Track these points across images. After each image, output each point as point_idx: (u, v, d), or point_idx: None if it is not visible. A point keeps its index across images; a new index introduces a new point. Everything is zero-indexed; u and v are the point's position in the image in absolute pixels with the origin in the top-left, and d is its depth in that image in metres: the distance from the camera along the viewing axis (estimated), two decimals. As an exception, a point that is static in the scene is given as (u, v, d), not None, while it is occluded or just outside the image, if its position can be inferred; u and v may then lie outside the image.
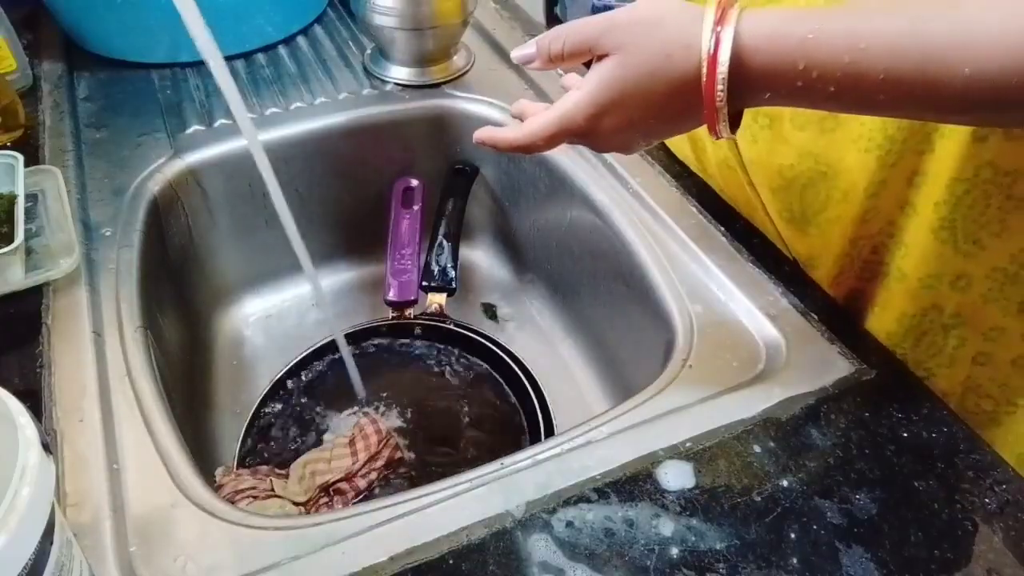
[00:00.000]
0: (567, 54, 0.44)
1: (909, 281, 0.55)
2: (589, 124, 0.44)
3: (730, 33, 0.39)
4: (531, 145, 0.46)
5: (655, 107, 0.43)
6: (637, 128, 0.45)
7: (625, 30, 0.42)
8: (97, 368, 0.55)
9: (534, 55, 0.46)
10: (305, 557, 0.44)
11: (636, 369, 0.71)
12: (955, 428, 0.51)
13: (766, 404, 0.52)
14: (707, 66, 0.40)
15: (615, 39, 0.42)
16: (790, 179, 0.57)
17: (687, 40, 0.40)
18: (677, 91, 0.41)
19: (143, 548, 0.45)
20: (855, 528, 0.45)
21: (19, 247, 0.57)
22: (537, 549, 0.44)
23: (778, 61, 0.39)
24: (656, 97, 0.42)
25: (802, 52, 0.38)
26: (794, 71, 0.39)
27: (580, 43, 0.43)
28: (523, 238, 0.89)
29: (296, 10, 0.95)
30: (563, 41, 0.44)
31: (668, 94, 0.42)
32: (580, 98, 0.43)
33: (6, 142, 0.74)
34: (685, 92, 0.41)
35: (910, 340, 0.57)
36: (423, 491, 0.48)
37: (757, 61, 0.39)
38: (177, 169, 0.75)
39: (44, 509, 0.34)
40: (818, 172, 0.56)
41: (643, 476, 0.48)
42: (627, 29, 0.42)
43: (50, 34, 0.92)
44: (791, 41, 0.39)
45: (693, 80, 0.40)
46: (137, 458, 0.50)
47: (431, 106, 0.85)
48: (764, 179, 0.59)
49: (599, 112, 0.43)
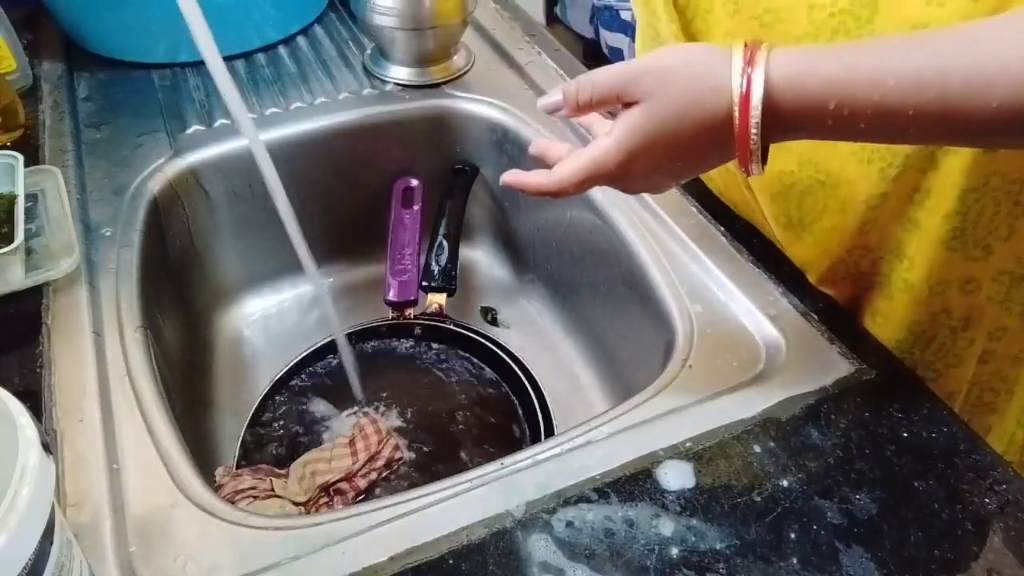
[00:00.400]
0: (595, 102, 0.45)
1: (918, 291, 0.55)
2: (620, 170, 0.44)
3: (761, 75, 0.40)
4: (561, 191, 0.46)
5: (685, 150, 0.43)
6: (667, 170, 0.45)
7: (653, 77, 0.42)
8: (97, 368, 0.55)
9: (560, 103, 0.46)
10: (305, 557, 0.44)
11: (636, 369, 0.71)
12: (955, 428, 0.51)
13: (766, 404, 0.52)
14: (739, 109, 0.40)
15: (643, 86, 0.42)
16: (788, 185, 0.58)
17: (716, 83, 0.40)
18: (707, 133, 0.42)
19: (143, 548, 0.45)
20: (855, 528, 0.45)
21: (19, 247, 0.57)
22: (537, 549, 0.44)
23: (809, 101, 0.39)
24: (686, 140, 0.42)
25: (832, 91, 0.39)
26: (825, 110, 0.39)
27: (608, 91, 0.44)
28: (523, 238, 0.89)
29: (296, 10, 0.95)
30: (591, 90, 0.44)
31: (698, 136, 0.42)
32: (610, 145, 0.44)
33: (6, 142, 0.74)
34: (715, 134, 0.41)
35: (920, 345, 0.58)
36: (423, 491, 0.48)
37: (788, 102, 0.40)
38: (177, 169, 0.75)
39: (44, 509, 0.34)
40: (817, 181, 0.56)
41: (643, 476, 0.48)
42: (655, 76, 0.42)
43: (50, 34, 0.92)
44: (821, 81, 0.39)
45: (722, 122, 0.41)
46: (137, 458, 0.50)
47: (431, 106, 0.85)
48: (763, 184, 0.60)
49: (630, 158, 0.43)
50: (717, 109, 0.40)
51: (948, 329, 0.56)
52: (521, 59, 0.89)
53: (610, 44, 1.64)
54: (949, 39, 0.38)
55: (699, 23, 0.57)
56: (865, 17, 0.47)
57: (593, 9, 1.68)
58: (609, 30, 1.66)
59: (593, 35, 1.72)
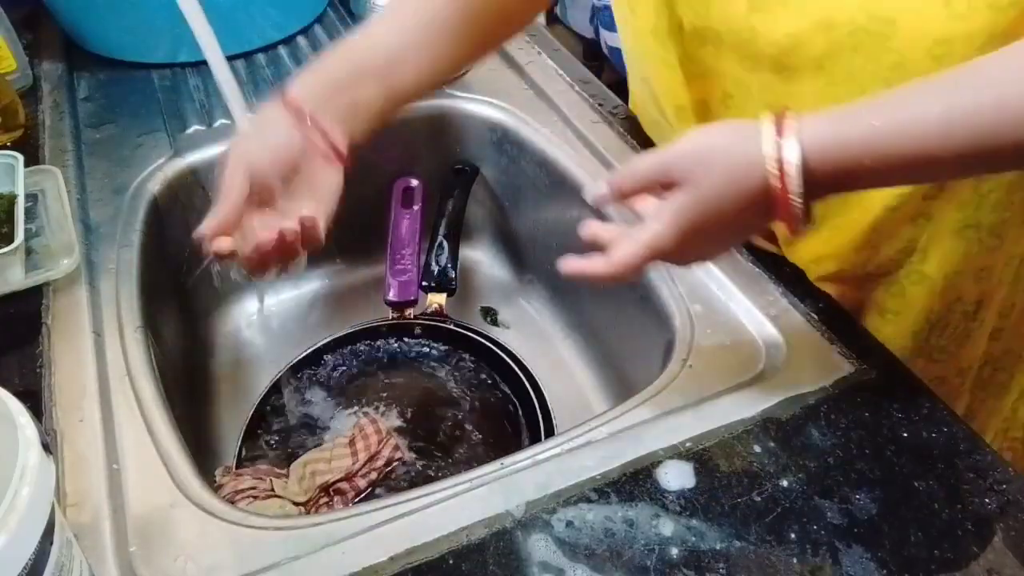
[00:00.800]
0: (639, 190, 0.47)
1: (932, 282, 0.56)
2: (674, 251, 0.46)
3: (795, 146, 0.41)
4: (620, 277, 0.48)
5: (733, 223, 0.45)
6: (717, 242, 0.48)
7: (691, 161, 0.44)
8: (97, 368, 0.55)
9: (608, 196, 0.48)
10: (305, 557, 0.44)
11: (636, 369, 0.71)
12: (955, 428, 0.51)
13: (766, 404, 0.52)
14: (779, 182, 0.41)
15: (682, 171, 0.44)
16: None
17: (751, 159, 0.42)
18: (751, 206, 0.43)
19: (143, 548, 0.45)
20: (855, 528, 0.45)
21: (19, 247, 0.57)
22: (537, 549, 0.44)
23: (845, 163, 0.41)
24: (732, 215, 0.44)
25: (866, 151, 0.40)
26: (861, 169, 0.41)
27: (649, 180, 0.46)
28: (523, 238, 0.89)
29: (296, 10, 0.95)
30: (633, 180, 0.46)
31: (742, 210, 0.44)
32: (661, 229, 0.45)
33: (6, 142, 0.74)
34: (758, 205, 0.43)
35: (936, 331, 0.58)
36: (423, 491, 0.48)
37: (825, 168, 0.41)
38: (177, 169, 0.75)
39: (44, 509, 0.34)
40: None
41: (643, 476, 0.48)
42: (693, 160, 0.44)
43: (50, 34, 0.92)
44: (854, 143, 0.40)
45: (763, 194, 0.42)
46: (137, 458, 0.50)
47: (431, 106, 0.85)
48: None
49: (682, 239, 0.45)
50: (755, 183, 0.42)
51: (961, 314, 0.57)
52: (521, 59, 0.89)
53: (610, 44, 1.64)
54: (968, 79, 0.39)
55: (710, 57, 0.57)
56: (884, 34, 0.48)
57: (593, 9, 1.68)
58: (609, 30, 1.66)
59: (593, 35, 1.72)
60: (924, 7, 0.46)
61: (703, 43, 0.56)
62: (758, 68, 0.54)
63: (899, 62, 0.48)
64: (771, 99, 0.55)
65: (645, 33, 0.61)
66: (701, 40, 0.56)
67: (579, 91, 0.84)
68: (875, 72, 0.49)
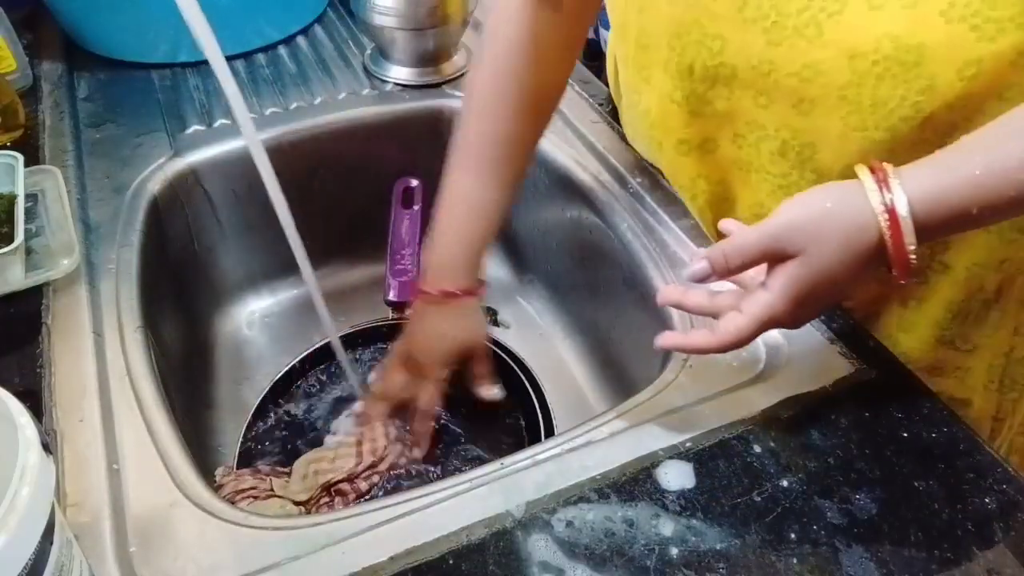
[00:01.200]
0: (747, 267, 0.46)
1: (955, 272, 0.57)
2: (787, 319, 0.46)
3: (903, 196, 0.41)
4: (728, 349, 0.48)
5: (845, 284, 0.45)
6: (828, 303, 0.48)
7: (800, 233, 0.43)
8: (97, 368, 0.55)
9: (709, 271, 0.47)
10: (305, 557, 0.44)
11: (636, 369, 0.71)
12: (955, 428, 0.51)
13: (766, 404, 0.52)
14: (892, 241, 0.42)
15: (795, 244, 0.43)
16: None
17: (861, 218, 0.42)
18: (864, 266, 0.44)
19: (143, 548, 0.45)
20: (855, 528, 0.45)
21: (19, 247, 0.57)
22: (537, 549, 0.44)
23: (953, 214, 0.41)
24: (846, 277, 0.44)
25: (972, 199, 0.41)
26: (968, 216, 0.41)
27: (759, 255, 0.45)
28: (523, 238, 0.89)
29: (296, 10, 0.95)
30: (741, 258, 0.46)
31: (856, 271, 0.44)
32: (774, 301, 0.45)
33: (6, 142, 0.74)
34: (871, 261, 0.43)
35: (957, 322, 0.58)
36: (423, 491, 0.48)
37: (934, 219, 0.41)
38: (177, 169, 0.75)
39: (44, 509, 0.34)
40: None
41: (643, 476, 0.48)
42: (802, 232, 0.43)
43: (50, 34, 0.92)
44: (957, 193, 0.41)
45: (877, 252, 0.43)
46: (137, 458, 0.50)
47: (431, 106, 0.85)
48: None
49: (796, 306, 0.45)
50: (870, 241, 0.42)
51: (981, 303, 0.58)
52: (521, 59, 0.89)
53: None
54: None
55: (720, 99, 0.57)
56: (912, 61, 0.48)
57: (593, 9, 1.68)
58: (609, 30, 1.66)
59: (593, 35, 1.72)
60: (952, 32, 0.46)
61: (714, 84, 0.56)
62: (774, 102, 0.54)
63: (929, 86, 0.48)
64: (787, 136, 0.55)
65: (654, 67, 0.60)
66: (712, 81, 0.56)
67: (579, 91, 0.84)
68: (904, 97, 0.49)
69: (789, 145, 0.55)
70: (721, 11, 0.53)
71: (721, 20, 0.53)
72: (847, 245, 0.43)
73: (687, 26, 0.55)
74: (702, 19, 0.54)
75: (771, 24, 0.51)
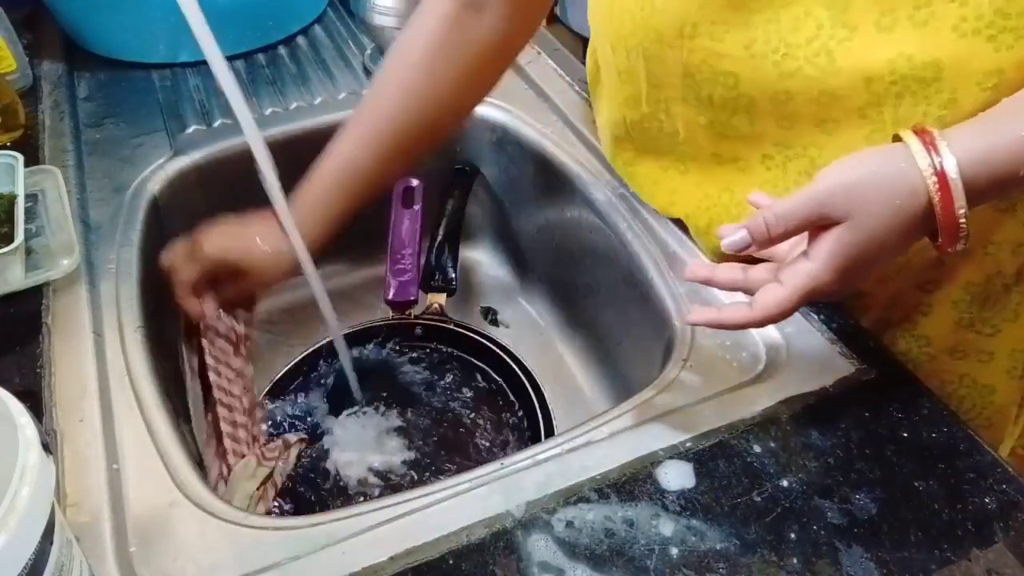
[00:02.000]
0: (790, 234, 0.44)
1: (971, 251, 0.56)
2: (832, 288, 0.44)
3: (952, 158, 0.40)
4: (768, 322, 0.46)
5: (890, 249, 0.44)
6: (873, 271, 0.46)
7: (846, 197, 0.42)
8: (97, 368, 0.55)
9: (749, 240, 0.45)
10: (305, 557, 0.44)
11: (636, 369, 0.71)
12: (955, 428, 0.51)
13: (766, 404, 0.52)
14: (942, 204, 0.41)
15: (842, 209, 0.42)
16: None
17: (910, 181, 0.41)
18: (914, 231, 0.43)
19: (143, 548, 0.45)
20: (855, 528, 0.45)
21: (19, 247, 0.57)
22: (537, 549, 0.44)
23: (1001, 175, 0.41)
24: (894, 243, 0.43)
25: (1020, 159, 0.40)
26: (1016, 178, 0.40)
27: (803, 222, 0.44)
28: (523, 238, 0.89)
29: (296, 10, 0.95)
30: (785, 225, 0.44)
31: (905, 236, 0.43)
32: (818, 270, 0.43)
33: (6, 142, 0.74)
34: (919, 226, 0.42)
35: (977, 304, 0.58)
36: (423, 491, 0.48)
37: (979, 180, 0.41)
38: (177, 169, 0.75)
39: (44, 509, 0.34)
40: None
41: (643, 476, 0.48)
42: (847, 196, 0.42)
43: (50, 34, 0.92)
44: (1007, 152, 0.40)
45: (926, 217, 0.42)
46: (137, 458, 0.50)
47: (431, 106, 0.85)
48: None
49: (842, 275, 0.44)
50: (919, 205, 0.41)
51: (1001, 287, 0.57)
52: (521, 59, 0.89)
53: (610, 44, 1.64)
54: None
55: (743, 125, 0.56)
56: (930, 77, 0.47)
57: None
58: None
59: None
60: (967, 45, 0.46)
61: (734, 112, 0.55)
62: (797, 125, 0.53)
63: (951, 99, 0.48)
64: (814, 153, 0.54)
65: (672, 101, 0.59)
66: (732, 110, 0.55)
67: (579, 91, 0.84)
68: (926, 112, 0.48)
69: (816, 164, 0.54)
70: (727, 51, 0.52)
71: (728, 59, 0.53)
72: (895, 209, 0.41)
73: (696, 67, 0.55)
74: (709, 60, 0.53)
75: (781, 57, 0.50)
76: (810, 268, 0.44)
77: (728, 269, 0.48)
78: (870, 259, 0.43)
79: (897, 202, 0.41)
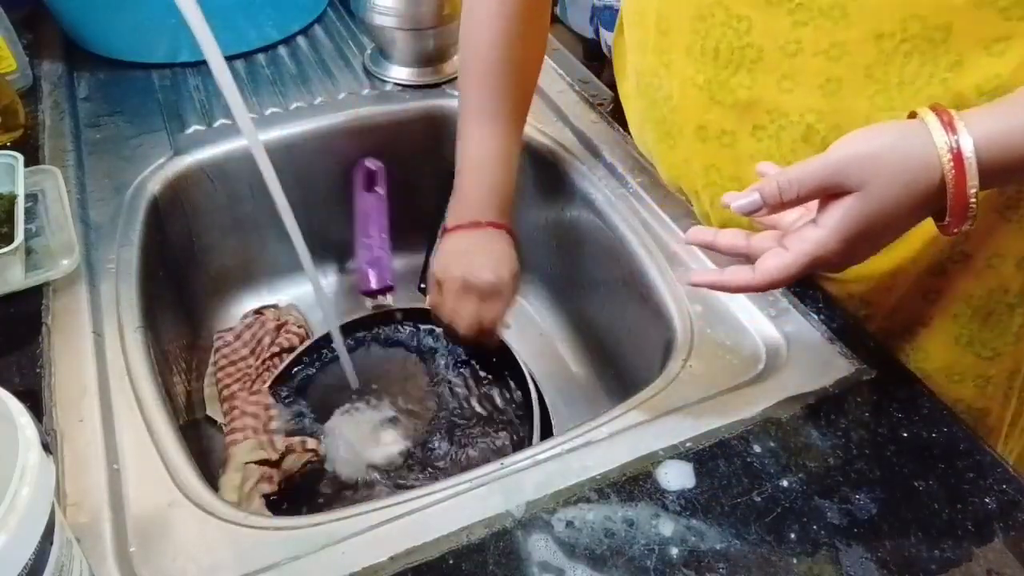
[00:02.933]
0: (803, 200, 0.44)
1: (973, 262, 0.56)
2: (839, 257, 0.44)
3: (968, 138, 0.41)
4: (770, 287, 0.46)
5: (899, 223, 0.44)
6: (879, 244, 0.46)
7: (860, 167, 0.42)
8: (97, 368, 0.55)
9: (760, 202, 0.44)
10: (305, 557, 0.44)
11: (636, 369, 0.71)
12: (955, 428, 0.51)
13: (766, 404, 0.52)
14: (955, 182, 0.41)
15: (855, 178, 0.42)
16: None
17: (925, 156, 0.41)
18: (924, 206, 0.43)
19: (143, 548, 0.45)
20: (855, 528, 0.45)
21: (19, 247, 0.57)
22: (537, 549, 0.44)
23: (1017, 158, 0.41)
24: (904, 217, 0.43)
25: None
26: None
27: (817, 188, 0.43)
28: (523, 238, 0.89)
29: (296, 10, 0.95)
30: (798, 189, 0.43)
31: (915, 211, 0.43)
32: (827, 237, 0.43)
33: (6, 142, 0.74)
34: (930, 202, 0.42)
35: (977, 321, 0.58)
36: (423, 491, 0.48)
37: (997, 161, 0.41)
38: (177, 169, 0.75)
39: (44, 509, 0.34)
40: None
41: (643, 476, 0.48)
42: (862, 166, 0.42)
43: (50, 34, 0.92)
44: (1020, 137, 0.41)
45: (938, 193, 0.42)
46: (137, 458, 0.50)
47: (431, 106, 0.85)
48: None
49: (849, 246, 0.44)
50: (931, 180, 0.42)
51: (1005, 306, 0.57)
52: (521, 59, 0.89)
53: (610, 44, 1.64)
54: None
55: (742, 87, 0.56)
56: (940, 39, 0.48)
57: (593, 9, 1.68)
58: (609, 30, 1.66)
59: (593, 35, 1.72)
60: (978, 12, 0.46)
61: (737, 69, 0.55)
62: (799, 85, 0.53)
63: (957, 61, 0.48)
64: (812, 120, 0.54)
65: (676, 51, 0.60)
66: (736, 66, 0.55)
67: (579, 91, 0.84)
68: (932, 74, 0.49)
69: (814, 130, 0.54)
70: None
71: (744, 3, 0.53)
72: (909, 183, 0.42)
73: (711, 7, 0.55)
74: (726, 1, 0.54)
75: (796, 6, 0.51)
76: (819, 235, 0.43)
77: (731, 235, 0.48)
78: (877, 232, 0.43)
79: (911, 177, 0.42)
